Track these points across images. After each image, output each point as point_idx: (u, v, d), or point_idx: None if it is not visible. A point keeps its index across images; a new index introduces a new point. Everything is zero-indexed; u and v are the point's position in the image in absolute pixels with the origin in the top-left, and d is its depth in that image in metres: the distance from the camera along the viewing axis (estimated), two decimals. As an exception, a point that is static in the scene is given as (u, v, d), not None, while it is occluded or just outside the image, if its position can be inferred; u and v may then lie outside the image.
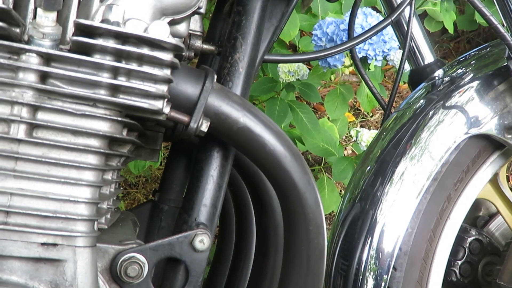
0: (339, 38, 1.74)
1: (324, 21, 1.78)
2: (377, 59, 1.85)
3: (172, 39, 0.73)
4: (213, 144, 0.88)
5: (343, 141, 2.75)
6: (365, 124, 2.83)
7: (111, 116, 0.72)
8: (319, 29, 1.78)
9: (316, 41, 1.78)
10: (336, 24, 1.75)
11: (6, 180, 0.69)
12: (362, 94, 2.01)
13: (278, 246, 1.04)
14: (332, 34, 1.75)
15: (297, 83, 2.04)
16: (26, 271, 0.70)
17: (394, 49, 1.87)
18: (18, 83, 0.68)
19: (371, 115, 2.85)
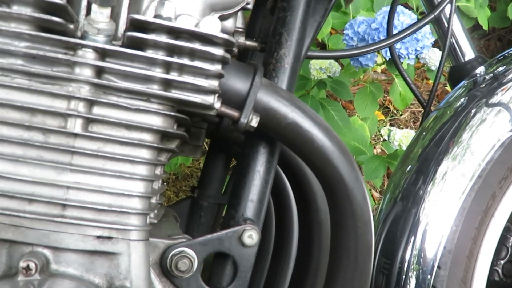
0: (370, 38, 1.72)
1: (355, 20, 1.77)
2: (410, 58, 1.83)
3: (223, 34, 0.73)
4: (259, 140, 0.88)
5: (372, 140, 2.73)
6: (395, 122, 2.80)
7: (164, 111, 0.73)
8: (350, 29, 1.77)
9: (348, 41, 1.77)
10: (367, 23, 1.74)
11: (63, 173, 0.70)
12: (395, 92, 1.99)
13: (322, 243, 1.04)
14: (363, 33, 1.74)
15: (329, 80, 2.03)
16: (82, 264, 0.71)
17: (427, 47, 1.85)
18: (75, 78, 0.69)
19: (400, 114, 2.82)
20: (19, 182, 0.69)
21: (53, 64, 0.69)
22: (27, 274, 0.67)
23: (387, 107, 2.86)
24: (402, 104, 1.97)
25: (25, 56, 0.69)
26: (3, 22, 0.68)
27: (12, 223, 0.69)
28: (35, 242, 0.69)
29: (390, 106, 2.85)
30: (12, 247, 0.70)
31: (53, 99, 0.69)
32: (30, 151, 0.69)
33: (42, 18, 0.68)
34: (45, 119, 0.70)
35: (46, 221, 0.69)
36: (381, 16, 1.64)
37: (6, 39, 0.68)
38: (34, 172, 0.69)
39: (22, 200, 0.69)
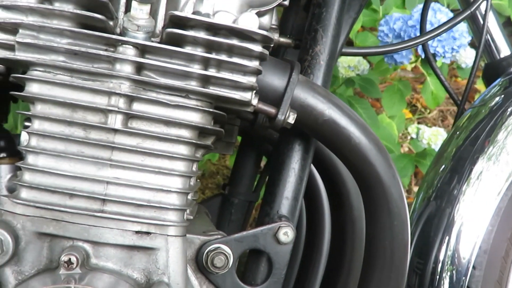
0: (406, 35, 1.70)
1: (390, 17, 1.75)
2: (446, 56, 1.80)
3: (262, 31, 0.73)
4: (294, 137, 0.88)
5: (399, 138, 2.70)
6: (423, 121, 2.77)
7: (202, 107, 0.73)
8: (385, 25, 1.74)
9: (382, 37, 1.75)
10: (403, 20, 1.71)
11: (103, 169, 0.71)
12: (427, 90, 1.96)
13: (355, 242, 1.03)
14: (399, 30, 1.71)
15: (357, 78, 2.01)
16: (120, 258, 0.72)
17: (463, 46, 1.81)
18: (116, 74, 0.69)
19: (428, 112, 2.79)
20: (61, 177, 0.70)
21: (93, 61, 0.70)
22: (68, 267, 0.67)
23: (414, 105, 2.82)
24: (434, 103, 1.95)
25: (67, 52, 0.69)
26: (45, 19, 0.69)
27: (53, 218, 0.70)
28: (76, 237, 0.70)
29: (417, 104, 2.81)
30: (53, 241, 0.71)
31: (94, 95, 0.70)
32: (71, 146, 0.70)
33: (84, 15, 0.68)
34: (85, 115, 0.70)
35: (86, 215, 0.70)
36: (418, 13, 1.62)
37: (48, 36, 0.69)
38: (75, 167, 0.70)
39: (63, 195, 0.70)
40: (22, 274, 0.70)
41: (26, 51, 0.69)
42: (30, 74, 0.70)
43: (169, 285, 0.72)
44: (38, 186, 0.70)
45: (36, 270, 0.70)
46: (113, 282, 0.69)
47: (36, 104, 0.70)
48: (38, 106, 0.70)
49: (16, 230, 0.69)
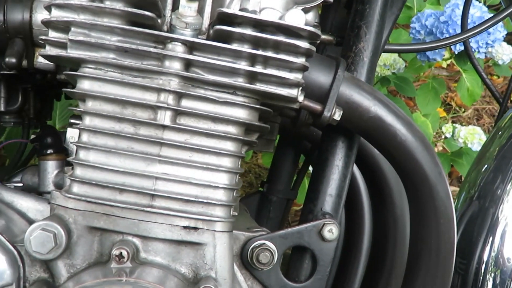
0: (439, 31, 1.68)
1: (422, 14, 1.73)
2: (480, 51, 1.77)
3: (309, 27, 0.72)
4: (338, 134, 0.87)
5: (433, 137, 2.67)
6: (457, 120, 2.72)
7: (249, 104, 0.73)
8: (417, 22, 1.73)
9: (414, 34, 1.73)
10: (435, 16, 1.69)
11: (152, 164, 0.72)
12: (463, 87, 1.93)
13: (397, 240, 1.02)
14: (431, 26, 1.69)
15: (392, 76, 1.99)
16: (169, 253, 0.73)
17: (498, 41, 1.78)
18: (165, 71, 0.70)
19: (463, 111, 2.74)
20: (111, 172, 0.71)
21: (143, 58, 0.71)
22: (119, 261, 0.69)
23: (449, 103, 2.78)
24: (470, 100, 1.91)
25: (117, 50, 0.70)
26: (96, 17, 0.71)
27: (104, 212, 0.71)
28: (126, 231, 0.71)
29: (452, 103, 2.77)
30: (103, 235, 0.72)
31: (144, 91, 0.71)
32: (121, 142, 0.71)
33: (135, 13, 0.69)
34: (135, 111, 0.71)
35: (136, 210, 0.71)
36: (450, 9, 1.60)
37: (99, 34, 0.71)
38: (124, 162, 0.71)
39: (114, 190, 0.71)
40: (74, 267, 0.71)
41: (78, 49, 0.70)
42: (81, 71, 0.71)
43: (216, 280, 0.73)
44: (89, 181, 0.71)
45: (87, 263, 0.72)
46: (162, 276, 0.70)
47: (87, 101, 0.72)
48: (89, 103, 0.72)
49: (68, 224, 0.71)
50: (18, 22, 0.80)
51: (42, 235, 0.68)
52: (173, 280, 0.70)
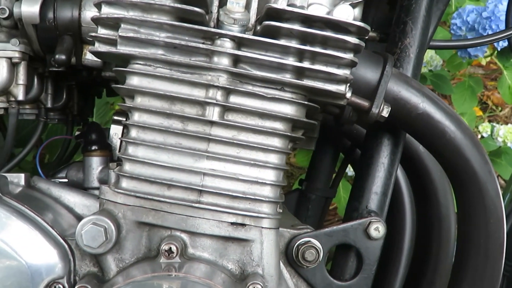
0: (481, 27, 1.64)
1: (464, 9, 1.69)
2: (521, 48, 1.72)
3: (359, 22, 0.71)
4: (383, 131, 0.86)
5: (469, 137, 2.61)
6: (493, 119, 2.66)
7: (297, 100, 0.73)
8: (458, 18, 1.69)
9: (455, 31, 1.70)
10: (477, 12, 1.66)
11: (200, 160, 0.72)
12: (504, 85, 1.89)
13: (442, 240, 1.00)
14: (473, 22, 1.66)
15: (429, 74, 1.96)
16: (216, 249, 0.73)
17: (541, 37, 1.73)
18: (214, 67, 0.70)
19: (500, 110, 2.68)
20: (159, 167, 0.71)
21: (191, 54, 0.71)
22: (168, 256, 0.69)
23: (485, 102, 2.72)
24: (511, 98, 1.87)
25: (166, 46, 0.71)
26: (145, 13, 0.71)
27: (152, 207, 0.71)
28: (174, 226, 0.72)
29: (488, 102, 2.71)
30: (151, 231, 0.72)
31: (192, 87, 0.71)
32: (170, 138, 0.72)
33: (184, 9, 0.70)
34: (183, 107, 0.72)
35: (184, 206, 0.71)
36: (492, 4, 1.56)
37: (148, 30, 0.71)
38: (173, 158, 0.71)
39: (162, 185, 0.71)
40: (123, 261, 0.72)
41: (127, 45, 0.71)
42: (131, 67, 0.72)
43: (263, 277, 0.72)
44: (138, 176, 0.71)
45: (135, 258, 0.72)
46: (210, 272, 0.70)
47: (136, 97, 0.72)
48: (138, 99, 0.72)
49: (117, 219, 0.71)
50: (68, 20, 0.81)
51: (93, 230, 0.69)
52: (220, 276, 0.70)
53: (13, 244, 0.68)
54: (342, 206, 2.14)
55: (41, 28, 0.81)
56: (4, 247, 0.68)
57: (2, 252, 0.68)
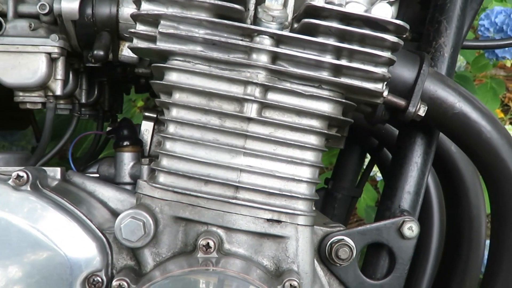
0: (509, 28, 1.63)
1: (492, 11, 1.68)
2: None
3: (397, 20, 0.71)
4: (417, 130, 0.86)
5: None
6: (515, 121, 2.64)
7: (334, 98, 0.73)
8: (486, 19, 1.68)
9: (483, 32, 1.69)
10: (506, 13, 1.64)
11: (237, 157, 0.72)
12: (529, 87, 1.86)
13: (473, 242, 0.99)
14: (501, 24, 1.64)
15: (452, 75, 1.94)
16: (251, 245, 0.73)
17: None
18: (253, 64, 0.70)
19: (522, 112, 2.65)
20: (197, 163, 0.72)
21: (230, 51, 0.72)
22: (206, 251, 0.69)
23: (507, 104, 2.70)
24: (535, 100, 1.84)
25: (205, 42, 0.71)
26: (184, 10, 0.71)
27: (189, 203, 0.72)
28: (210, 222, 0.72)
29: (510, 104, 2.68)
30: (188, 226, 0.73)
31: (231, 84, 0.71)
32: (207, 134, 0.72)
33: (224, 6, 0.70)
34: (221, 104, 0.72)
35: (221, 202, 0.72)
36: (521, 6, 1.54)
37: (187, 27, 0.71)
38: (210, 154, 0.72)
39: (199, 181, 0.72)
40: (160, 256, 0.73)
41: (167, 41, 0.71)
42: (170, 63, 0.72)
43: (298, 274, 0.72)
44: (175, 171, 0.72)
45: (171, 252, 0.73)
46: (246, 268, 0.70)
47: (174, 93, 0.73)
48: (176, 95, 0.73)
49: (155, 214, 0.72)
50: (106, 16, 0.82)
51: (132, 223, 0.69)
52: (256, 271, 0.71)
53: (53, 237, 0.69)
54: (361, 206, 2.13)
55: (79, 24, 0.82)
56: (45, 240, 0.69)
57: (42, 244, 0.69)
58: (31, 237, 0.69)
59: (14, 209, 0.69)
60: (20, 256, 0.68)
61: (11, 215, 0.68)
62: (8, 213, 0.68)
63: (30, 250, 0.68)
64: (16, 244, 0.68)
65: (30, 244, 0.68)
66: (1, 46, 0.79)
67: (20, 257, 0.68)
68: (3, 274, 0.68)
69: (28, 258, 0.68)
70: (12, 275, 0.68)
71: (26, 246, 0.68)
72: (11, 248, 0.68)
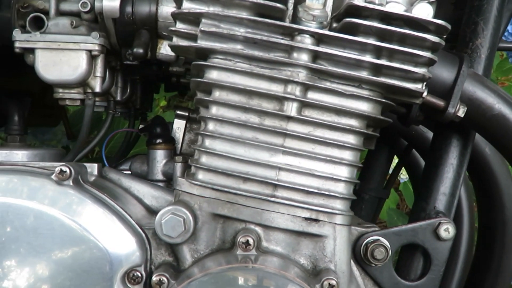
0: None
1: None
2: None
3: (439, 20, 0.71)
4: (453, 131, 0.85)
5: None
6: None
7: (374, 97, 0.73)
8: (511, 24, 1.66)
9: (507, 37, 1.67)
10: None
11: (276, 155, 0.72)
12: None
13: (506, 244, 0.98)
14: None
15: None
16: (289, 244, 0.73)
17: None
18: (294, 63, 0.70)
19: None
20: (236, 161, 0.72)
21: (270, 49, 0.72)
22: (245, 249, 0.70)
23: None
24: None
25: (246, 41, 0.72)
26: (226, 8, 0.72)
27: (228, 200, 0.72)
28: (249, 219, 0.72)
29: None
30: (226, 223, 0.73)
31: (271, 83, 0.72)
32: (247, 132, 0.72)
33: (265, 5, 0.70)
34: (261, 102, 0.72)
35: (259, 199, 0.72)
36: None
37: (228, 25, 0.72)
38: (249, 152, 0.72)
39: (238, 179, 0.72)
40: (198, 252, 0.73)
41: (208, 40, 0.72)
42: (210, 61, 0.73)
43: (336, 273, 0.73)
44: (215, 169, 0.72)
45: (209, 249, 0.73)
46: (284, 265, 0.70)
47: (214, 91, 0.73)
48: (216, 93, 0.73)
49: (194, 210, 0.72)
50: (145, 14, 0.83)
51: (173, 220, 0.70)
52: (293, 269, 0.71)
53: (95, 231, 0.70)
54: (384, 208, 2.13)
55: (119, 22, 0.83)
56: (86, 234, 0.70)
57: (84, 239, 0.70)
58: (73, 231, 0.69)
59: (57, 204, 0.70)
60: (63, 250, 0.69)
61: (54, 209, 0.69)
62: (51, 207, 0.69)
63: (72, 244, 0.69)
64: (59, 238, 0.69)
65: (72, 238, 0.69)
66: (43, 43, 0.80)
67: (62, 251, 0.69)
68: (46, 267, 0.69)
69: (70, 252, 0.69)
70: (55, 268, 0.69)
71: (69, 240, 0.69)
72: (54, 242, 0.69)
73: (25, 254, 0.68)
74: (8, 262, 0.68)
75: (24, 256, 0.68)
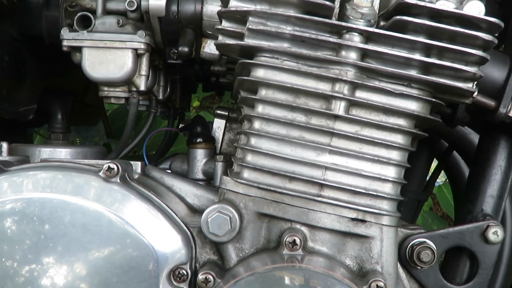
0: None
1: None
2: None
3: (492, 18, 0.69)
4: (501, 133, 0.83)
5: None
6: None
7: (423, 96, 0.72)
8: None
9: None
10: None
11: (322, 154, 0.72)
12: None
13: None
14: None
15: None
16: (334, 244, 0.72)
17: None
18: (343, 61, 0.70)
19: None
20: (282, 160, 0.72)
21: (317, 48, 0.71)
22: (292, 248, 0.69)
23: None
24: None
25: (293, 39, 0.71)
26: (272, 6, 0.72)
27: (273, 199, 0.72)
28: (294, 219, 0.72)
29: None
30: (271, 222, 0.73)
31: (318, 81, 0.71)
32: (293, 131, 0.72)
33: (314, 2, 0.70)
34: (308, 101, 0.72)
35: (305, 199, 0.71)
36: None
37: (275, 23, 0.71)
38: (295, 151, 0.72)
39: (284, 178, 0.72)
40: (243, 251, 0.73)
41: (255, 38, 0.72)
42: (257, 60, 0.72)
43: (382, 275, 0.71)
44: (260, 167, 0.72)
45: (254, 248, 0.73)
46: (330, 266, 0.70)
47: (260, 89, 0.73)
48: (262, 91, 0.73)
49: (239, 209, 0.72)
50: (190, 13, 0.83)
51: (220, 218, 0.70)
52: (340, 270, 0.70)
53: (142, 229, 0.70)
54: (417, 212, 2.09)
55: (165, 20, 0.83)
56: (133, 231, 0.70)
57: (131, 236, 0.70)
58: (120, 228, 0.70)
59: (105, 200, 0.70)
60: (110, 246, 0.69)
61: (102, 206, 0.70)
62: (99, 204, 0.70)
63: (119, 240, 0.70)
64: (106, 234, 0.69)
65: (119, 235, 0.70)
66: (90, 42, 0.81)
67: (109, 247, 0.69)
68: (94, 262, 0.69)
69: (117, 248, 0.70)
70: (102, 264, 0.69)
71: (116, 237, 0.70)
72: (102, 238, 0.69)
73: (73, 249, 0.69)
74: (57, 257, 0.69)
75: (72, 252, 0.69)
